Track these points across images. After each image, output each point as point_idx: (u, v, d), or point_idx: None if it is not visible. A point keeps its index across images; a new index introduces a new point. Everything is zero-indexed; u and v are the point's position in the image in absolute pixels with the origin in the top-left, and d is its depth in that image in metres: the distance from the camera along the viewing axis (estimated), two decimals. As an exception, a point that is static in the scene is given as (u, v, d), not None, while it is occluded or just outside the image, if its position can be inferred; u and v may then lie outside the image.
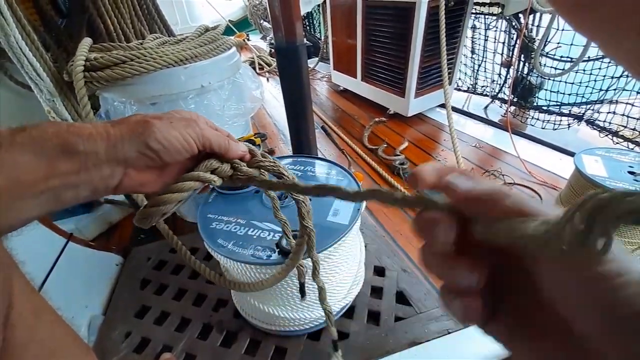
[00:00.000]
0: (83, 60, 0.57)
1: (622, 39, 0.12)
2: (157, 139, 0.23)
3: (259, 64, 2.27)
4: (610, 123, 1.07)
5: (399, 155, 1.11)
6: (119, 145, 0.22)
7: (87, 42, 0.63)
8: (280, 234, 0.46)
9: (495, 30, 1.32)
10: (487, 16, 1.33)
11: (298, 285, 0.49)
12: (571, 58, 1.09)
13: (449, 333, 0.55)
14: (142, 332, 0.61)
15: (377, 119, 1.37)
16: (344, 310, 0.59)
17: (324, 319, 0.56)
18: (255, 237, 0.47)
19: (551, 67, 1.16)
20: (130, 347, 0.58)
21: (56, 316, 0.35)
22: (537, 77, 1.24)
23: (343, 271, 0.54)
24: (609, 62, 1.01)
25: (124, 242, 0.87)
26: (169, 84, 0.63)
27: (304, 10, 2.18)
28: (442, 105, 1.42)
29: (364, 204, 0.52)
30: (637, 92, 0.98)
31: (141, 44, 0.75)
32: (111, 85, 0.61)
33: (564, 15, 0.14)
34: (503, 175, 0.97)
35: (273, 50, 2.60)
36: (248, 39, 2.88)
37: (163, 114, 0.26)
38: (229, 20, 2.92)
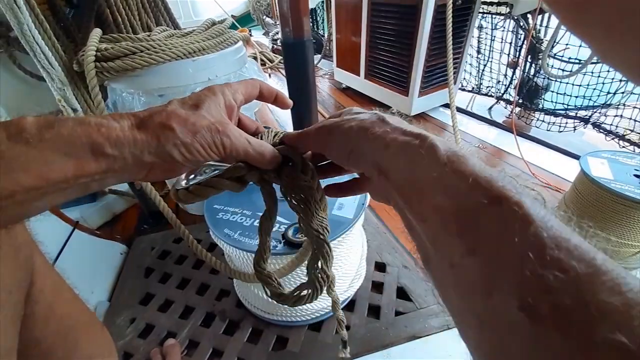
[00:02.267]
0: (94, 50, 0.58)
1: (615, 40, 0.12)
2: (181, 152, 0.22)
3: (262, 60, 2.26)
4: (617, 126, 1.06)
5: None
6: (145, 153, 0.21)
7: (97, 32, 0.64)
8: (287, 226, 0.47)
9: (503, 30, 1.32)
10: (494, 16, 1.32)
11: (301, 277, 0.50)
12: (579, 60, 1.08)
13: (449, 328, 0.56)
14: (146, 319, 0.62)
15: (381, 117, 1.36)
16: (345, 303, 0.60)
17: (326, 310, 0.57)
18: (260, 228, 0.48)
19: (558, 68, 1.15)
20: (136, 332, 0.60)
21: (74, 294, 0.36)
22: (543, 78, 1.24)
23: (346, 264, 0.55)
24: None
25: (128, 231, 0.88)
26: (176, 76, 0.64)
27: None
28: (446, 105, 1.42)
29: (368, 198, 0.52)
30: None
31: (149, 35, 0.76)
32: (120, 76, 0.62)
33: (559, 15, 0.14)
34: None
35: (275, 46, 2.59)
36: (250, 35, 2.88)
37: (186, 106, 0.24)
38: (232, 15, 2.92)
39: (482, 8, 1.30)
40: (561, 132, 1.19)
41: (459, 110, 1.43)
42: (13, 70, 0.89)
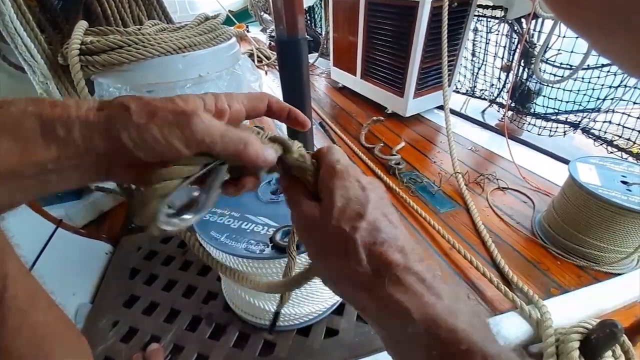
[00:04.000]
0: (79, 42, 0.56)
1: (614, 35, 0.12)
2: (130, 136, 0.18)
3: (258, 57, 2.24)
4: (605, 132, 1.08)
5: (395, 155, 1.12)
6: (95, 135, 0.18)
7: (82, 24, 0.62)
8: (274, 229, 0.46)
9: (497, 34, 1.32)
10: (489, 19, 1.33)
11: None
12: (571, 65, 1.10)
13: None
14: (130, 322, 0.60)
15: (374, 118, 1.36)
16: (334, 307, 0.60)
17: (315, 314, 0.56)
18: (249, 230, 0.47)
19: (550, 73, 1.17)
20: (118, 336, 0.58)
21: (50, 301, 0.34)
22: (535, 83, 1.25)
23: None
24: (608, 71, 1.02)
25: (115, 230, 0.86)
26: (166, 71, 0.62)
27: (305, 4, 2.16)
28: (440, 107, 1.42)
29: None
30: (634, 103, 1.00)
31: (139, 29, 0.74)
32: (107, 71, 0.60)
33: (556, 10, 0.14)
34: (497, 179, 0.98)
35: (273, 43, 2.57)
36: (247, 31, 2.84)
37: (157, 99, 0.20)
38: (229, 11, 2.88)
39: (478, 11, 1.30)
40: (551, 136, 1.20)
41: (453, 112, 1.43)
42: (-2, 63, 0.85)
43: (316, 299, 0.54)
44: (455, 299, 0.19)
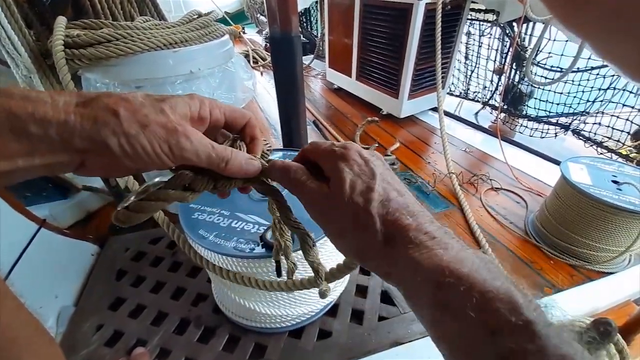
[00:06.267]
0: (62, 35, 0.54)
1: (612, 38, 0.12)
2: (119, 142, 0.19)
3: (254, 58, 2.23)
4: (595, 134, 1.10)
5: (389, 155, 1.11)
6: (75, 135, 0.18)
7: (61, 19, 0.60)
8: (265, 227, 0.45)
9: (489, 37, 1.34)
10: (482, 23, 1.35)
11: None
12: (561, 68, 1.11)
13: (432, 334, 0.55)
14: (115, 325, 0.58)
15: (369, 119, 1.36)
16: (327, 308, 0.58)
17: (307, 315, 0.55)
18: (238, 229, 0.46)
19: (541, 76, 1.18)
20: (102, 340, 0.56)
21: (18, 303, 0.33)
22: (527, 85, 1.27)
23: (330, 266, 0.53)
24: (597, 74, 1.04)
25: (102, 231, 0.83)
26: (156, 67, 0.60)
27: (301, 6, 2.17)
28: (434, 109, 1.43)
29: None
30: (623, 105, 1.01)
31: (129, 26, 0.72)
32: (94, 65, 0.58)
33: (558, 17, 0.14)
34: (491, 179, 0.99)
35: (268, 44, 2.57)
36: (244, 32, 2.84)
37: (145, 103, 0.20)
38: (225, 12, 2.87)
39: (470, 15, 1.32)
40: (543, 138, 1.22)
41: (447, 114, 1.44)
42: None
43: (309, 300, 0.53)
44: (462, 250, 0.20)
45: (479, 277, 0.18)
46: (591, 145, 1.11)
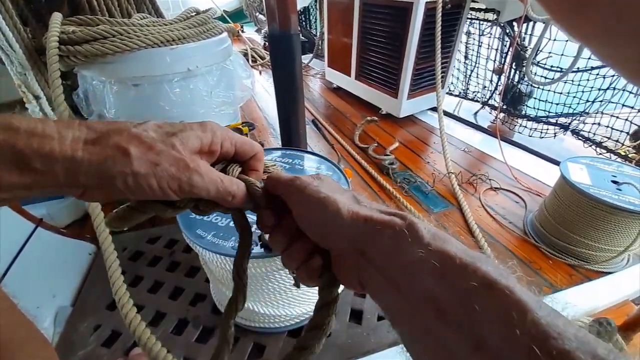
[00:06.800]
0: (58, 31, 0.53)
1: (612, 41, 0.12)
2: (126, 182, 0.18)
3: (252, 57, 2.22)
4: (594, 134, 1.10)
5: (389, 155, 1.11)
6: (81, 174, 0.18)
7: (57, 16, 0.59)
8: (264, 227, 0.44)
9: (489, 37, 1.34)
10: (482, 22, 1.34)
11: (280, 282, 0.47)
12: (561, 68, 1.11)
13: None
14: (112, 325, 0.57)
15: (368, 118, 1.36)
16: (326, 308, 0.58)
17: (305, 315, 0.54)
18: (237, 228, 0.45)
19: (541, 76, 1.18)
20: (99, 341, 0.55)
21: (11, 304, 0.32)
22: (527, 85, 1.27)
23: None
24: (597, 74, 1.04)
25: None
26: (152, 64, 0.60)
27: (300, 4, 2.15)
28: (434, 109, 1.43)
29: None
30: (622, 105, 1.01)
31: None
32: (90, 62, 0.58)
33: (558, 20, 0.14)
34: (490, 179, 0.98)
35: (267, 43, 2.56)
36: (242, 31, 2.82)
37: (159, 134, 0.20)
38: (224, 11, 2.86)
39: (471, 14, 1.31)
40: (542, 138, 1.22)
41: (446, 114, 1.44)
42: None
43: (307, 300, 0.53)
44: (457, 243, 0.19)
45: (473, 259, 0.17)
46: (590, 146, 1.11)
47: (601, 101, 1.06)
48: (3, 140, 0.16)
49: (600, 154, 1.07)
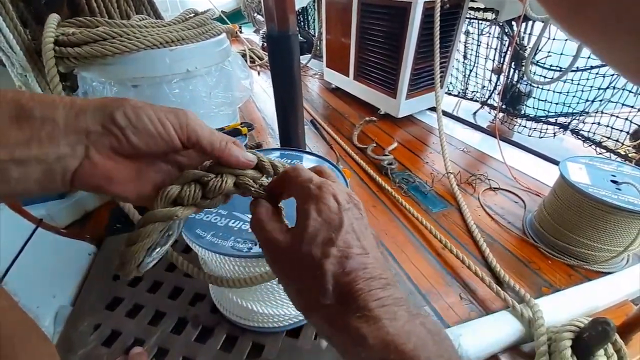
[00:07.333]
0: (53, 32, 0.54)
1: (612, 41, 0.12)
2: (126, 113, 0.19)
3: (251, 57, 2.22)
4: (594, 133, 1.10)
5: (387, 155, 1.11)
6: (81, 115, 0.18)
7: (54, 17, 0.59)
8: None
9: (488, 36, 1.34)
10: (480, 21, 1.35)
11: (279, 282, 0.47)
12: (560, 67, 1.11)
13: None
14: (112, 325, 0.58)
15: (367, 118, 1.36)
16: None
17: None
18: (236, 228, 0.45)
19: (541, 75, 1.18)
20: (99, 340, 0.55)
21: (11, 302, 0.33)
22: (526, 85, 1.27)
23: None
24: (597, 73, 1.04)
25: (99, 230, 0.83)
26: (152, 65, 0.60)
27: (298, 4, 2.16)
28: (433, 109, 1.43)
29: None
30: (622, 104, 1.01)
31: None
32: (90, 64, 0.58)
33: (557, 20, 0.13)
34: (489, 179, 0.98)
35: (265, 43, 2.56)
36: (240, 32, 2.83)
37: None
38: (222, 11, 2.86)
39: (469, 13, 1.31)
40: (541, 137, 1.22)
41: (445, 114, 1.44)
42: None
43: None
44: (410, 321, 0.19)
45: (423, 354, 0.18)
46: (590, 145, 1.11)
47: (601, 100, 1.06)
48: (11, 97, 0.17)
49: (600, 153, 1.07)
